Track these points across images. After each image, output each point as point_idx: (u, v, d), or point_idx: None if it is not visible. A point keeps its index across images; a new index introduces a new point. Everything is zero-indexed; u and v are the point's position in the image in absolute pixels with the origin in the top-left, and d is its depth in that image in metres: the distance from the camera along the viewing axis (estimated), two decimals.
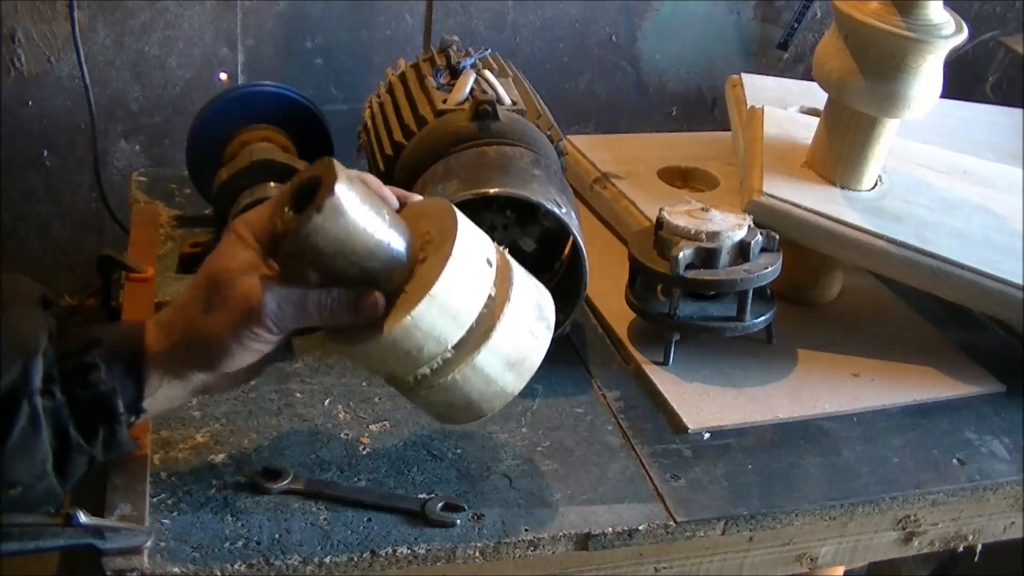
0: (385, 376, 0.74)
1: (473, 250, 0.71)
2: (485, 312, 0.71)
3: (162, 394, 0.71)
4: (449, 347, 0.70)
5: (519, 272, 0.75)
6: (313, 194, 0.67)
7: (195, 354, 0.70)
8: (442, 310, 0.69)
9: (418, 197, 0.77)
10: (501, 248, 0.76)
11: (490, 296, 0.72)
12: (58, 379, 0.67)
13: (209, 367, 0.71)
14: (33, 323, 0.68)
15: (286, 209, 0.69)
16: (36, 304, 0.70)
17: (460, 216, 0.72)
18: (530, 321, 0.74)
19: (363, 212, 0.68)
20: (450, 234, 0.70)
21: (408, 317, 0.68)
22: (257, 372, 0.75)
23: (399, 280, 0.71)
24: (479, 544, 0.75)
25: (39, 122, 1.50)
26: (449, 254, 0.69)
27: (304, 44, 1.56)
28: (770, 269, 0.94)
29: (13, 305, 0.68)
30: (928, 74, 0.97)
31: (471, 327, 0.71)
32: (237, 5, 1.51)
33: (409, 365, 0.71)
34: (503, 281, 0.73)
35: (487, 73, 1.05)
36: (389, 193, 0.74)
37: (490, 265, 0.73)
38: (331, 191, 0.66)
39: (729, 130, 1.26)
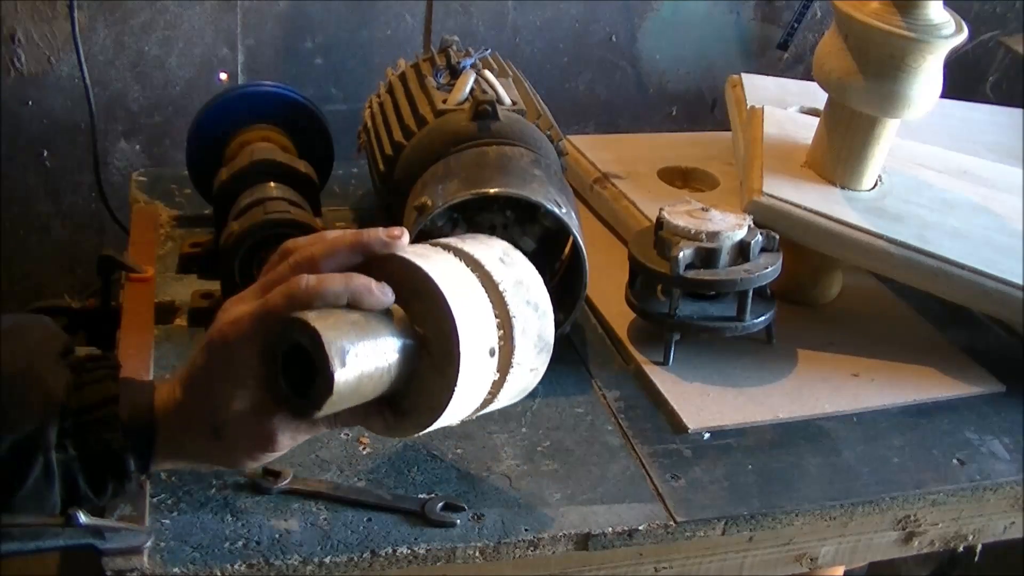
0: None
1: (477, 351, 0.68)
2: (488, 398, 0.72)
3: (169, 459, 0.72)
4: (459, 419, 0.72)
5: (518, 306, 0.71)
6: (303, 361, 0.63)
7: (188, 401, 0.69)
8: (450, 417, 0.70)
9: (404, 241, 0.70)
10: (505, 251, 0.74)
11: (494, 382, 0.71)
12: (72, 434, 0.67)
13: (197, 410, 0.69)
14: (55, 378, 0.68)
15: (280, 382, 0.65)
16: (58, 354, 0.70)
17: (455, 309, 0.66)
18: (531, 360, 0.73)
19: (366, 367, 0.65)
20: (452, 357, 0.66)
21: (417, 433, 0.70)
22: (267, 446, 0.73)
23: (404, 389, 0.69)
24: (479, 544, 0.75)
25: (39, 122, 1.50)
26: (454, 384, 0.66)
27: (304, 44, 1.56)
28: (770, 269, 0.94)
29: (37, 354, 0.68)
30: (928, 74, 0.97)
31: (475, 410, 0.73)
32: (237, 5, 1.51)
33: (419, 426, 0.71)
34: (505, 358, 0.71)
35: (487, 73, 1.05)
36: (380, 295, 0.67)
37: (492, 355, 0.69)
38: (329, 386, 0.62)
39: (729, 130, 1.26)
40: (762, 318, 0.96)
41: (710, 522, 0.80)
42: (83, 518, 0.68)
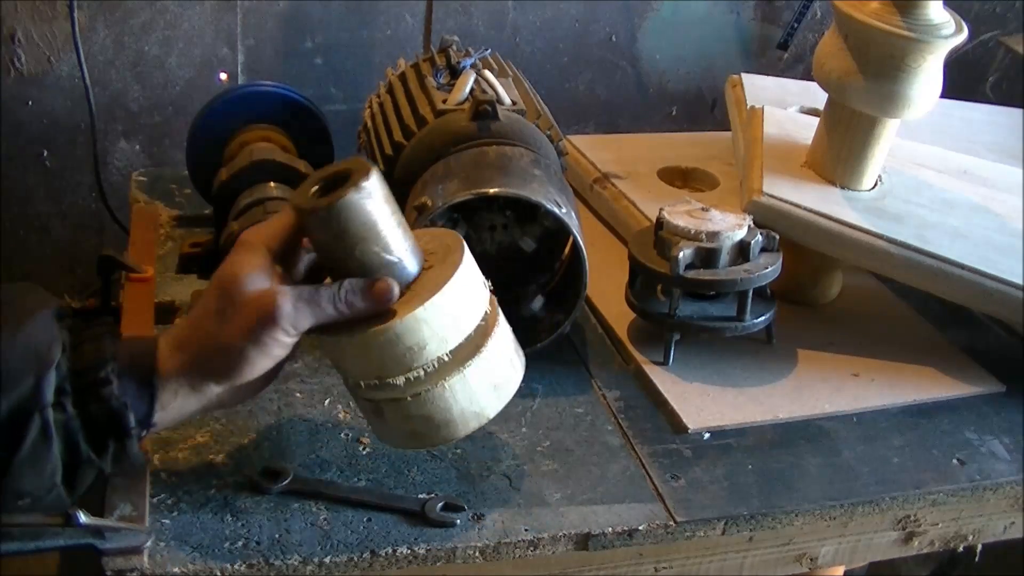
0: (371, 377, 0.73)
1: (474, 267, 0.74)
2: (481, 326, 0.73)
3: (175, 408, 0.71)
4: (448, 350, 0.71)
5: (498, 307, 0.78)
6: (340, 184, 0.69)
7: (213, 366, 0.70)
8: (450, 310, 0.71)
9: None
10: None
11: (486, 312, 0.74)
12: (70, 393, 0.67)
13: (227, 377, 0.71)
14: (48, 336, 0.68)
15: (313, 190, 0.70)
16: (51, 316, 0.70)
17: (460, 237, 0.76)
18: (511, 351, 0.76)
19: (389, 204, 0.71)
20: (457, 246, 0.74)
21: (421, 308, 0.69)
22: (269, 380, 0.74)
23: (405, 281, 0.72)
24: (479, 544, 0.75)
25: (39, 122, 1.50)
26: (460, 261, 0.72)
27: (304, 44, 1.56)
28: (770, 269, 0.94)
29: (29, 317, 0.68)
30: (928, 74, 0.97)
31: (469, 336, 0.72)
32: (237, 5, 1.51)
33: (405, 364, 0.71)
34: (493, 307, 0.76)
35: (487, 73, 1.05)
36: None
37: (486, 287, 0.75)
38: (367, 175, 0.69)
39: (729, 130, 1.26)
40: (762, 318, 0.96)
41: (710, 522, 0.80)
42: (83, 518, 0.68)
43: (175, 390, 0.70)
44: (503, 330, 0.76)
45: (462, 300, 0.72)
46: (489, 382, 0.74)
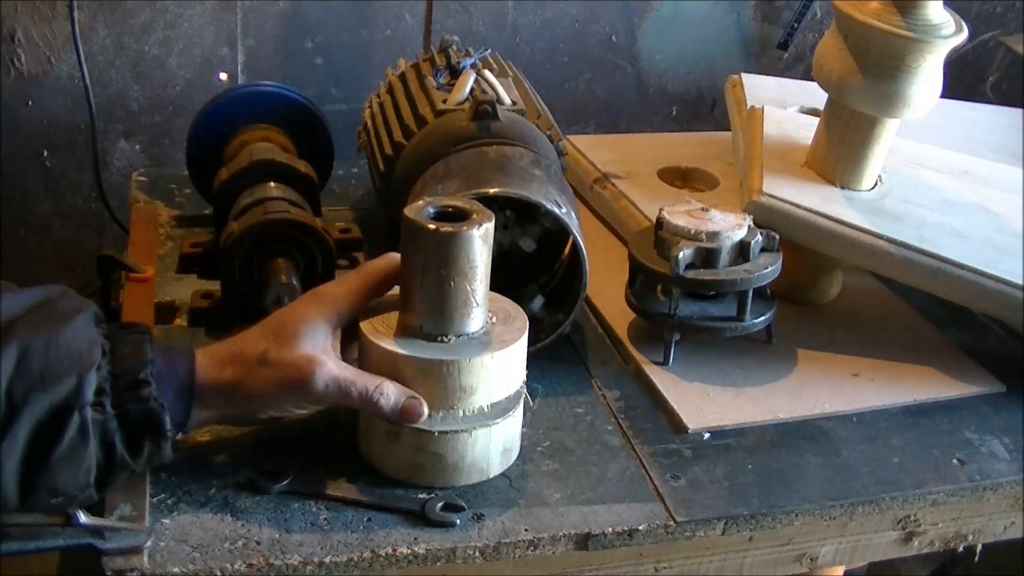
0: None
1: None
2: (518, 392, 0.80)
3: (207, 417, 0.75)
4: (490, 403, 0.77)
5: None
6: (456, 218, 0.75)
7: (240, 399, 0.74)
8: (506, 368, 0.77)
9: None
10: None
11: (523, 383, 0.81)
12: (109, 393, 0.68)
13: (248, 413, 0.76)
14: (89, 338, 0.69)
15: (426, 212, 0.75)
16: (91, 319, 0.71)
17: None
18: (520, 428, 0.83)
19: (489, 256, 0.76)
20: (518, 314, 0.81)
21: (489, 355, 0.75)
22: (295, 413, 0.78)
23: (474, 328, 0.77)
24: (479, 544, 0.75)
25: (39, 122, 1.50)
26: (525, 327, 0.79)
27: (304, 44, 1.56)
28: (770, 269, 0.94)
29: (70, 318, 0.70)
30: (928, 74, 0.97)
31: (508, 397, 0.79)
32: (237, 5, 1.51)
33: (451, 400, 0.76)
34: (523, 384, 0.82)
35: (487, 73, 1.05)
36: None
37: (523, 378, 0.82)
38: (490, 219, 0.75)
39: (729, 130, 1.26)
40: (762, 318, 0.96)
41: (710, 522, 0.80)
42: (83, 518, 0.68)
43: (208, 404, 0.74)
44: (522, 406, 0.82)
45: (516, 363, 0.79)
46: (503, 444, 0.80)
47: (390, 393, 0.74)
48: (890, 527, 0.88)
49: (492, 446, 0.79)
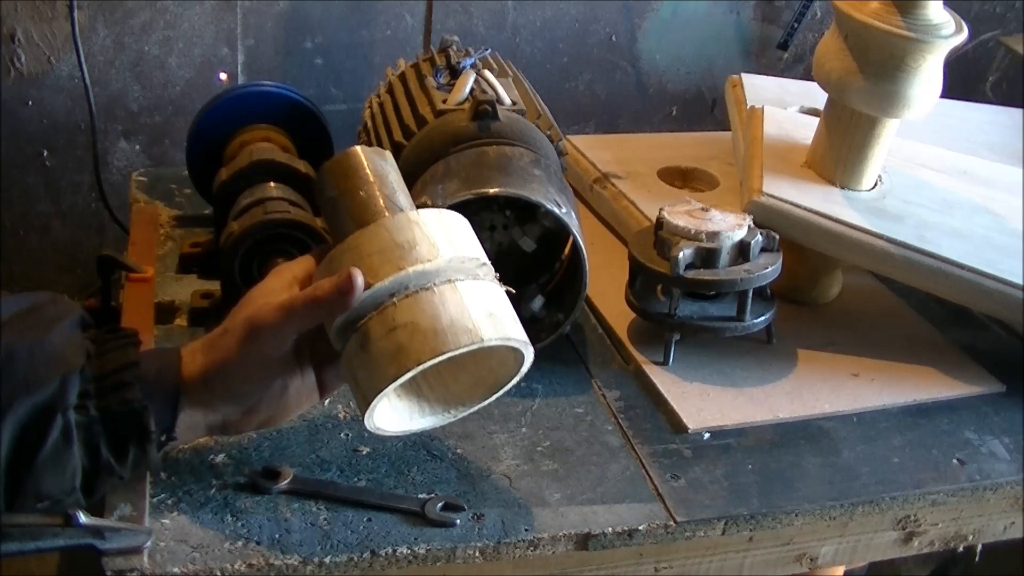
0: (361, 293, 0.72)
1: (472, 232, 0.77)
2: (481, 266, 0.74)
3: (192, 423, 0.73)
4: (437, 256, 0.71)
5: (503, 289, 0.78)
6: None
7: (216, 378, 0.72)
8: (440, 223, 0.74)
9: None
10: None
11: (486, 263, 0.74)
12: (93, 396, 0.68)
13: (227, 390, 0.73)
14: (73, 342, 0.69)
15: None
16: (76, 324, 0.71)
17: None
18: (512, 313, 0.74)
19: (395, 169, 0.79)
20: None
21: (413, 211, 0.75)
22: (282, 415, 0.76)
23: None
24: (479, 544, 0.75)
25: (39, 122, 1.50)
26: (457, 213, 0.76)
27: (304, 44, 1.56)
28: (770, 269, 0.94)
29: (55, 323, 0.69)
30: (928, 74, 0.97)
31: (462, 258, 0.72)
32: (237, 5, 1.51)
33: (394, 262, 0.71)
34: (497, 279, 0.76)
35: (487, 73, 1.05)
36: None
37: (488, 262, 0.75)
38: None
39: (729, 130, 1.26)
40: (762, 318, 0.96)
41: (710, 522, 0.80)
42: (83, 518, 0.68)
43: (194, 397, 0.72)
44: (504, 293, 0.75)
45: (454, 226, 0.75)
46: (483, 307, 0.71)
47: (324, 284, 0.71)
48: (890, 527, 0.88)
49: (468, 304, 0.71)
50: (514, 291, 0.76)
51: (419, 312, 0.70)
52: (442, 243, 0.72)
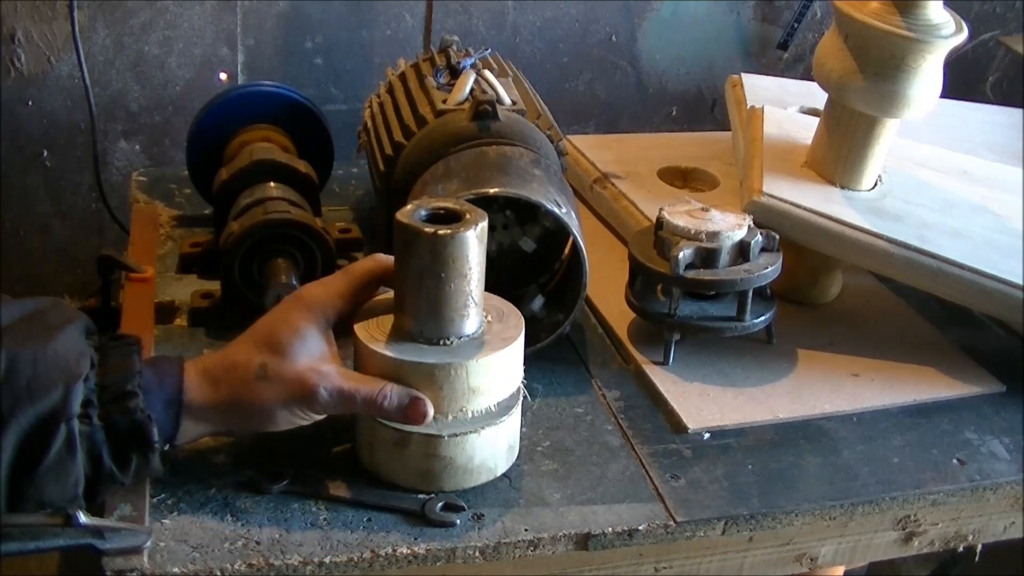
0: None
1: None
2: (519, 389, 0.80)
3: (196, 432, 0.75)
4: (496, 402, 0.77)
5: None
6: (450, 220, 0.74)
7: (239, 414, 0.74)
8: (509, 365, 0.77)
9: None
10: None
11: (523, 379, 0.81)
12: (96, 405, 0.68)
13: (248, 428, 0.76)
14: (77, 349, 0.69)
15: (417, 215, 0.74)
16: (80, 331, 0.71)
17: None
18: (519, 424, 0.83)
19: (484, 256, 0.75)
20: (512, 311, 0.80)
21: (494, 355, 0.75)
22: (285, 421, 0.77)
23: (471, 330, 0.76)
24: (479, 544, 0.75)
25: (39, 122, 1.50)
26: (521, 324, 0.79)
27: (304, 44, 1.56)
28: (770, 269, 0.94)
29: (58, 330, 0.69)
30: (928, 74, 0.97)
31: (511, 395, 0.79)
32: (237, 5, 1.51)
33: (459, 403, 0.75)
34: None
35: (487, 73, 1.05)
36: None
37: (521, 379, 0.81)
38: (484, 219, 0.74)
39: (729, 130, 1.26)
40: (762, 318, 0.96)
41: (710, 522, 0.80)
42: (83, 518, 0.68)
43: (200, 418, 0.73)
44: (521, 401, 0.81)
45: (517, 360, 0.78)
46: (507, 442, 0.80)
47: (394, 395, 0.73)
48: (890, 527, 0.88)
49: (499, 444, 0.79)
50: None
51: (460, 451, 0.77)
52: (503, 385, 0.77)
